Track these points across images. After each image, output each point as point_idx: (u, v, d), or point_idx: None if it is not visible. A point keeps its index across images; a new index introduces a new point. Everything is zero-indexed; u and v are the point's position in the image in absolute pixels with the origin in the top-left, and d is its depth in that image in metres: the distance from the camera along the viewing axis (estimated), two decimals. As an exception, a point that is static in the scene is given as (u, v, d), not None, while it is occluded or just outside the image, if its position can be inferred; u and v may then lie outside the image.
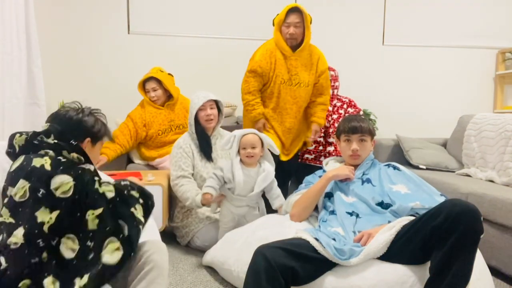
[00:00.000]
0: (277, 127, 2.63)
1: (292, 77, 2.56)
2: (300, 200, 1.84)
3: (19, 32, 2.68)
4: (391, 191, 1.70)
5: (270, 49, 2.56)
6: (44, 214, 1.11)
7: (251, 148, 2.00)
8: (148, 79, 2.89)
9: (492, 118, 2.60)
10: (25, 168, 1.17)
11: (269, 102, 2.61)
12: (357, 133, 1.81)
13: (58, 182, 1.14)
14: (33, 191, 1.13)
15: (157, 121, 2.87)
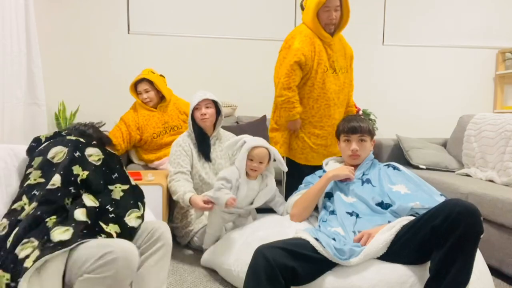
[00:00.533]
0: (314, 132, 2.35)
1: (333, 63, 2.34)
2: (300, 200, 1.84)
3: (19, 32, 2.68)
4: (391, 191, 1.70)
5: (307, 35, 2.28)
6: (78, 170, 1.34)
7: (259, 163, 1.90)
8: (140, 80, 2.84)
9: (492, 118, 2.60)
10: (60, 140, 1.41)
11: (310, 96, 2.30)
12: (357, 133, 1.81)
13: (91, 151, 1.40)
14: (71, 153, 1.36)
15: (151, 124, 2.83)
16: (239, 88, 3.85)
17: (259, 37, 3.86)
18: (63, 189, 1.29)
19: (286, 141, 2.38)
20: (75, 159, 1.34)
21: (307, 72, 2.27)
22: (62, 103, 3.35)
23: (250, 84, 3.88)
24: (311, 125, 2.34)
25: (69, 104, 3.43)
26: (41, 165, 1.35)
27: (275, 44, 3.90)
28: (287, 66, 2.22)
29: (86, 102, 3.56)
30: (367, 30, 4.04)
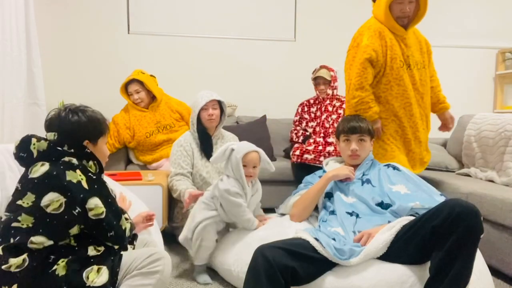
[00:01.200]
0: (397, 133, 2.17)
1: (408, 58, 2.15)
2: (300, 200, 1.84)
3: (19, 32, 2.67)
4: (390, 191, 1.70)
5: (377, 29, 2.13)
6: (75, 230, 1.22)
7: (253, 168, 1.85)
8: (130, 81, 2.85)
9: (492, 118, 2.60)
10: (57, 179, 1.20)
11: (388, 94, 2.12)
12: (356, 133, 1.81)
13: (93, 204, 1.22)
14: (68, 207, 1.19)
15: (143, 124, 2.83)
16: (239, 88, 3.85)
17: (259, 37, 3.86)
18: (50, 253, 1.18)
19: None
20: (75, 217, 1.21)
21: (380, 69, 2.11)
22: (62, 103, 3.35)
23: (250, 84, 3.88)
24: (394, 124, 2.14)
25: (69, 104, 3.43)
26: (32, 211, 1.19)
27: (276, 44, 3.91)
28: (357, 65, 2.08)
29: (86, 102, 3.54)
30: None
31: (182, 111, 2.97)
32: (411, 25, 2.22)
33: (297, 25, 3.93)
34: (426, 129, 2.29)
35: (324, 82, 3.15)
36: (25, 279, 1.12)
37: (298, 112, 3.33)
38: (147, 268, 1.23)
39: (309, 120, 3.27)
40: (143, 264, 1.23)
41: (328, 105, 3.20)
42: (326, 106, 3.20)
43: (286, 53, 3.94)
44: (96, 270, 1.18)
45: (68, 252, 1.19)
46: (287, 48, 3.93)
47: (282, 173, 3.11)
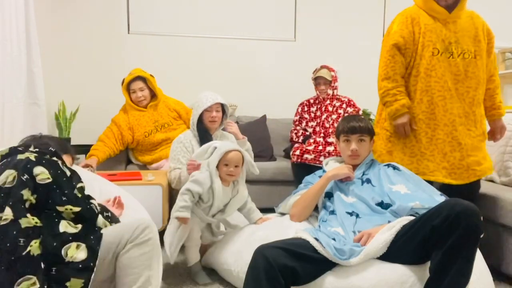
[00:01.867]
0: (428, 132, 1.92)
1: (450, 46, 1.89)
2: (300, 200, 1.84)
3: (19, 32, 2.67)
4: (390, 191, 1.70)
5: (410, 14, 1.96)
6: (27, 194, 1.23)
7: (235, 167, 1.83)
8: (134, 79, 2.82)
9: (492, 118, 2.60)
10: (11, 161, 1.28)
11: (417, 87, 1.93)
12: (356, 133, 1.81)
13: (38, 171, 1.27)
14: (19, 177, 1.24)
15: (142, 123, 2.82)
16: (239, 87, 3.85)
17: (259, 37, 3.86)
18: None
19: (390, 150, 2.02)
20: (24, 182, 1.24)
21: (410, 59, 1.93)
22: (62, 103, 3.35)
23: (251, 84, 3.88)
24: (422, 123, 1.92)
25: (69, 104, 3.43)
26: None
27: (275, 44, 3.91)
28: (384, 54, 1.97)
29: (86, 102, 3.56)
30: (367, 30, 4.05)
31: (179, 110, 2.96)
32: (459, 6, 1.94)
33: (297, 25, 3.93)
34: (474, 129, 1.94)
35: (324, 82, 3.15)
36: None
37: (298, 112, 3.33)
38: (139, 239, 1.28)
39: (309, 120, 3.26)
40: (134, 235, 1.29)
41: (328, 105, 3.19)
42: (326, 106, 3.20)
43: (286, 53, 3.94)
44: (75, 247, 1.22)
45: (38, 232, 1.21)
46: (287, 48, 3.93)
47: (282, 173, 3.11)
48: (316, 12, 3.95)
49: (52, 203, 1.27)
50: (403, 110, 1.92)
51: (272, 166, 3.13)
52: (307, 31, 3.95)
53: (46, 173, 1.28)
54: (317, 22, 3.97)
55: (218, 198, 1.81)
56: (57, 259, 1.19)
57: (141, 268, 1.27)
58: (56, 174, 1.30)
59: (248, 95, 3.86)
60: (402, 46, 1.93)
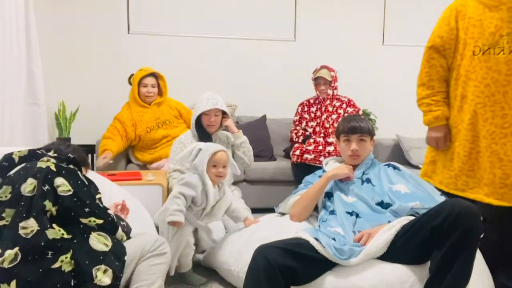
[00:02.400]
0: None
1: (502, 39, 1.57)
2: (300, 200, 1.84)
3: (19, 32, 2.67)
4: (391, 190, 1.70)
5: (456, 7, 1.74)
6: (49, 205, 1.25)
7: (223, 168, 1.81)
8: (149, 75, 2.90)
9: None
10: (31, 168, 1.30)
11: (456, 93, 1.71)
12: (357, 133, 1.81)
13: (59, 182, 1.29)
14: (40, 187, 1.25)
15: (144, 119, 2.87)
16: (238, 87, 3.85)
17: (259, 36, 3.86)
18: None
19: (434, 159, 1.85)
20: (45, 193, 1.24)
21: (452, 59, 1.72)
22: (62, 103, 3.35)
23: (251, 83, 3.88)
24: (461, 134, 1.69)
25: (69, 104, 3.43)
26: (12, 201, 1.24)
27: (275, 44, 3.91)
28: (423, 58, 1.80)
29: (86, 102, 3.56)
30: (367, 30, 4.05)
31: (180, 109, 3.02)
32: None
33: (297, 25, 3.93)
34: None
35: (324, 82, 3.15)
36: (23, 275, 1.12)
37: (298, 112, 3.33)
38: (158, 250, 1.41)
39: (309, 120, 3.26)
40: (154, 247, 1.41)
41: (328, 105, 3.20)
42: (326, 106, 3.20)
43: (286, 53, 3.94)
44: (103, 271, 1.22)
45: (67, 246, 1.20)
46: (287, 48, 3.93)
47: (282, 173, 3.12)
48: (316, 12, 3.95)
49: (76, 215, 1.28)
50: (437, 123, 1.74)
51: (272, 166, 3.13)
52: (307, 31, 3.94)
53: (66, 184, 1.29)
54: (317, 22, 3.96)
55: (211, 201, 1.76)
56: (88, 278, 1.19)
57: (156, 276, 1.37)
58: (76, 184, 1.31)
59: (248, 95, 3.86)
60: (441, 47, 1.75)
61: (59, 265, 1.16)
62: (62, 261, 1.17)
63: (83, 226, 1.28)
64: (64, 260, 1.17)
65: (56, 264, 1.16)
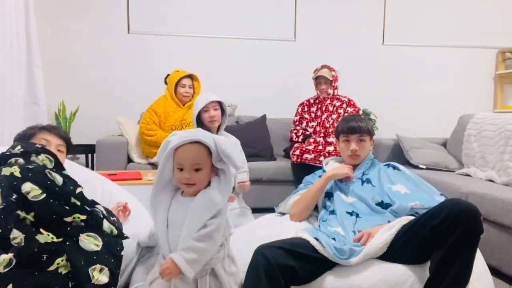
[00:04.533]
0: None
1: None
2: (300, 200, 1.84)
3: (19, 33, 2.69)
4: (390, 191, 1.69)
5: None
6: (23, 214, 1.18)
7: (194, 171, 1.17)
8: (187, 76, 3.02)
9: (492, 118, 2.60)
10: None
11: None
12: (356, 133, 1.81)
13: (27, 187, 1.20)
14: (6, 198, 1.17)
15: (174, 116, 2.97)
16: (239, 87, 3.85)
17: (259, 36, 3.86)
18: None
19: None
20: (14, 203, 1.17)
21: None
22: (62, 103, 3.36)
23: (251, 83, 3.89)
24: None
25: (69, 104, 3.43)
26: None
27: (275, 44, 3.91)
28: None
29: (86, 101, 3.56)
30: (367, 30, 4.05)
31: None
32: None
33: (297, 24, 3.93)
34: None
35: (325, 82, 3.15)
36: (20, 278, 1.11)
37: (298, 112, 3.33)
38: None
39: (310, 120, 3.27)
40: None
41: (328, 105, 3.20)
42: (326, 106, 3.20)
43: (286, 52, 3.94)
44: (99, 270, 1.20)
45: (60, 249, 1.18)
46: (287, 47, 3.94)
47: (282, 173, 3.12)
48: (316, 12, 3.95)
49: (58, 216, 1.22)
50: None
51: (272, 166, 3.13)
52: (307, 31, 3.95)
53: (36, 188, 1.21)
54: (317, 22, 3.97)
55: (171, 216, 1.22)
56: (86, 278, 1.16)
57: None
58: (47, 185, 1.24)
59: (248, 94, 3.87)
60: None
61: (55, 267, 1.14)
62: (58, 264, 1.15)
63: (70, 227, 1.23)
64: (60, 263, 1.15)
65: (52, 266, 1.14)
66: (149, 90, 3.35)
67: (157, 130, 2.91)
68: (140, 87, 3.61)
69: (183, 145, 1.18)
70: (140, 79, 3.64)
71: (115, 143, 2.91)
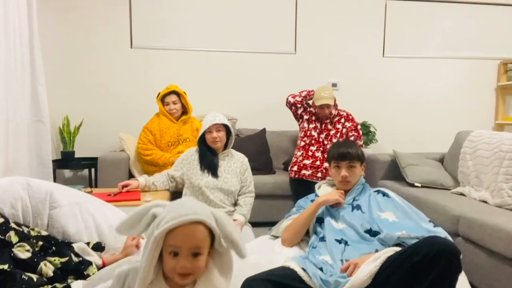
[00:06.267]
0: None
1: None
2: (291, 225, 1.89)
3: (23, 52, 2.73)
4: (379, 218, 1.73)
5: None
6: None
7: (191, 256, 0.94)
8: (169, 93, 3.04)
9: (487, 136, 2.62)
10: None
11: None
12: (346, 160, 1.85)
13: None
14: None
15: (169, 133, 3.02)
16: (238, 101, 3.90)
17: (259, 49, 3.90)
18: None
19: None
20: None
21: None
22: (66, 117, 3.44)
23: (252, 96, 3.93)
24: None
25: (73, 118, 3.51)
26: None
27: (276, 57, 3.95)
28: None
29: (90, 115, 3.64)
30: (368, 42, 4.07)
31: None
32: None
33: (298, 37, 3.96)
34: None
35: (327, 107, 3.15)
36: None
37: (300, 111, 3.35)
38: None
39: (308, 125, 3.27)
40: None
41: (327, 123, 3.23)
42: (326, 124, 3.23)
43: (287, 65, 3.97)
44: None
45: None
46: (287, 60, 3.97)
47: (281, 187, 3.16)
48: (316, 24, 3.98)
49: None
50: None
51: (271, 180, 3.17)
52: (307, 44, 3.98)
53: None
54: (317, 34, 3.99)
55: None
56: None
57: None
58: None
59: (248, 107, 3.91)
60: None
61: None
62: None
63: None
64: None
65: None
66: (151, 104, 3.38)
67: (153, 149, 2.96)
68: (143, 101, 3.67)
69: (183, 224, 0.92)
70: (143, 92, 3.70)
71: (117, 160, 2.97)
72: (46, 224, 1.56)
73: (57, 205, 1.60)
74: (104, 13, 3.62)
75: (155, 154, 2.93)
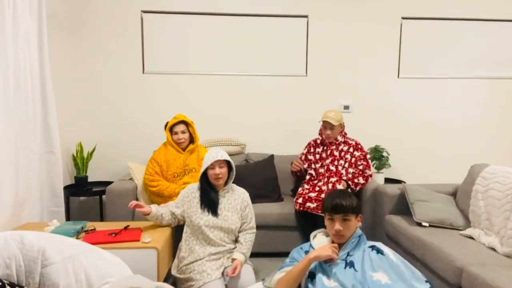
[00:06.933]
0: None
1: None
2: (283, 279, 1.86)
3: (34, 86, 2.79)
4: (371, 279, 1.68)
5: None
6: None
7: None
8: (178, 122, 3.08)
9: (501, 174, 2.48)
10: None
11: None
12: (340, 213, 1.80)
13: None
14: None
15: (175, 163, 3.04)
16: (247, 126, 3.88)
17: (269, 73, 3.87)
18: None
19: None
20: None
21: None
22: (79, 144, 3.53)
23: (261, 119, 3.91)
24: None
25: (86, 143, 3.61)
26: None
27: (286, 80, 3.90)
28: None
29: (103, 140, 3.73)
30: (382, 63, 3.96)
31: None
32: None
33: (309, 59, 3.90)
34: None
35: (330, 127, 3.12)
36: None
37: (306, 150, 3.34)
38: None
39: (314, 162, 3.26)
40: None
41: (334, 150, 3.17)
42: (332, 150, 3.18)
43: (298, 88, 3.93)
44: None
45: None
46: (298, 83, 3.92)
47: (287, 218, 3.13)
48: (328, 46, 3.91)
49: None
50: None
51: (276, 211, 3.15)
52: (318, 66, 3.91)
53: None
54: (329, 56, 3.92)
55: None
56: None
57: None
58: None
59: (258, 131, 3.90)
60: None
61: None
62: None
63: None
64: None
65: None
66: (161, 130, 3.42)
67: (159, 180, 2.99)
68: (153, 126, 3.72)
69: None
70: (153, 117, 3.75)
71: (124, 191, 3.01)
72: (37, 283, 1.60)
73: (49, 263, 1.63)
74: (116, 38, 3.69)
75: (161, 185, 2.96)
